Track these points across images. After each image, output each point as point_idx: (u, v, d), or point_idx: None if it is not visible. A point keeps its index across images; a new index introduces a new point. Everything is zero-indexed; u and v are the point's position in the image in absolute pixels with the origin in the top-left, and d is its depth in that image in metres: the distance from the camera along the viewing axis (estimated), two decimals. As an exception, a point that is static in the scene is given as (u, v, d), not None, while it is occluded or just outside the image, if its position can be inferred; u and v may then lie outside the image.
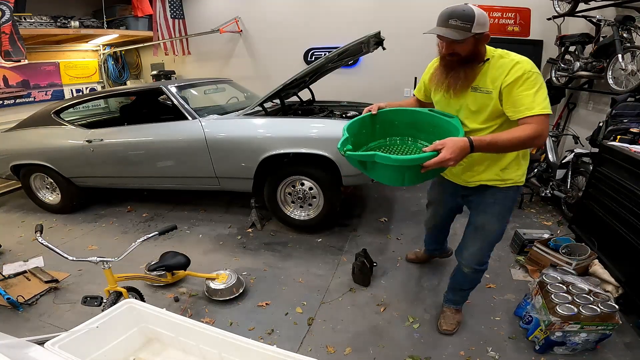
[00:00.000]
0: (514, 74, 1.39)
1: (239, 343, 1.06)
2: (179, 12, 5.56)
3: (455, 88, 1.52)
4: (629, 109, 2.76)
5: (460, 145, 1.29)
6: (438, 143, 1.29)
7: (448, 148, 1.27)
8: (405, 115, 1.70)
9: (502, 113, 1.48)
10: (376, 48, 3.18)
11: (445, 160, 1.25)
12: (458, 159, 1.28)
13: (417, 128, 1.70)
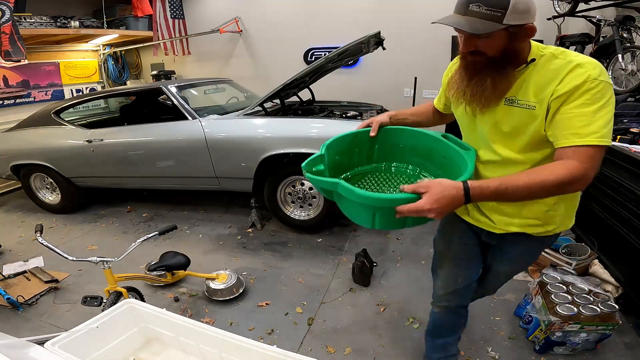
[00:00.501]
0: (572, 81, 0.94)
1: (239, 343, 1.06)
2: (179, 12, 5.56)
3: (480, 100, 1.09)
4: (629, 109, 2.76)
5: (450, 193, 0.91)
6: (422, 185, 0.93)
7: (432, 195, 0.90)
8: (413, 138, 1.33)
9: (547, 139, 1.03)
10: (376, 48, 3.18)
11: (423, 210, 0.90)
12: (442, 212, 0.91)
13: (424, 156, 1.32)
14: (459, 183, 0.94)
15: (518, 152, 1.10)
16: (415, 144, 1.33)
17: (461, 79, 1.12)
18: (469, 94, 1.10)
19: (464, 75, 1.11)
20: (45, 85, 5.03)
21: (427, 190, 0.91)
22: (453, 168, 1.18)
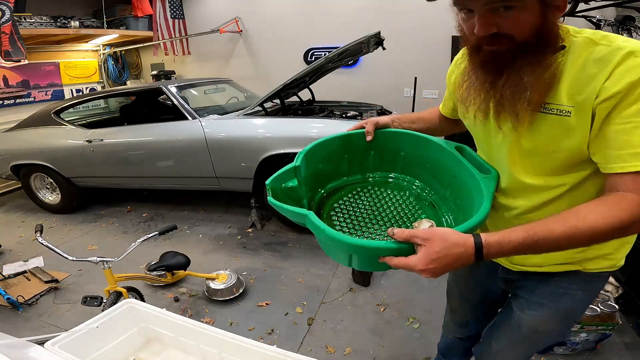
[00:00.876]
0: (626, 76, 0.66)
1: (239, 343, 1.06)
2: (179, 12, 5.56)
3: (515, 107, 0.75)
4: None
5: (454, 252, 0.67)
6: (419, 234, 0.68)
7: (430, 252, 0.67)
8: (417, 146, 1.05)
9: (588, 157, 0.75)
10: (376, 48, 3.18)
11: (415, 269, 0.68)
12: (440, 274, 0.69)
13: (431, 170, 1.05)
14: (469, 239, 0.68)
15: (544, 176, 0.81)
16: (420, 154, 1.05)
17: (478, 80, 0.80)
18: (497, 100, 0.77)
19: (484, 74, 0.78)
20: (45, 85, 5.03)
21: (425, 244, 0.67)
22: (463, 194, 0.92)
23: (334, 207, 1.03)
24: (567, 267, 0.91)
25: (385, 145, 1.09)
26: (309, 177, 0.99)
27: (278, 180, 0.91)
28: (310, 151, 1.00)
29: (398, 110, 3.94)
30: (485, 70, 0.77)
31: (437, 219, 0.95)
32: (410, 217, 0.97)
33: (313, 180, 1.02)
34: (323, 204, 1.04)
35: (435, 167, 1.03)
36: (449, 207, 0.97)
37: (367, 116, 3.42)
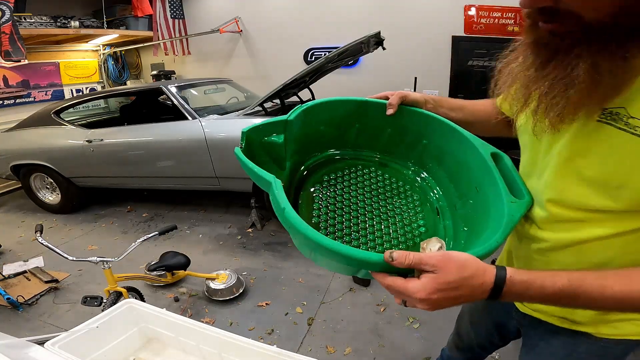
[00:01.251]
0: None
1: (239, 343, 1.06)
2: (179, 12, 5.56)
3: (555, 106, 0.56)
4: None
5: (471, 284, 0.53)
6: (431, 262, 0.53)
7: (438, 282, 0.52)
8: (443, 138, 0.85)
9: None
10: (376, 48, 3.18)
11: (413, 297, 0.54)
12: (438, 307, 0.54)
13: (449, 171, 0.86)
14: (490, 270, 0.54)
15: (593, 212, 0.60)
16: (445, 149, 0.85)
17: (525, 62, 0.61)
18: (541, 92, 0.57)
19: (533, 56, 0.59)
20: (45, 85, 5.03)
21: (434, 270, 0.52)
22: (478, 212, 0.74)
23: (322, 179, 0.85)
24: (568, 324, 0.72)
25: (407, 126, 0.88)
26: (303, 138, 0.83)
27: (260, 131, 0.74)
28: (312, 108, 0.83)
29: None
30: (535, 52, 0.57)
31: (434, 227, 0.81)
32: (406, 219, 0.81)
33: (308, 142, 0.86)
34: (312, 173, 0.86)
35: (457, 169, 0.83)
36: (454, 220, 0.80)
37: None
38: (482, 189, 0.76)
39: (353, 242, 0.74)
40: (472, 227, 0.75)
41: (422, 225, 0.80)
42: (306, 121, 0.82)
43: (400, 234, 0.77)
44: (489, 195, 0.73)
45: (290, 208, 0.57)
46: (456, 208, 0.82)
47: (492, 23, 4.46)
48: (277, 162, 0.78)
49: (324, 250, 0.54)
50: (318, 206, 0.79)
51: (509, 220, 0.65)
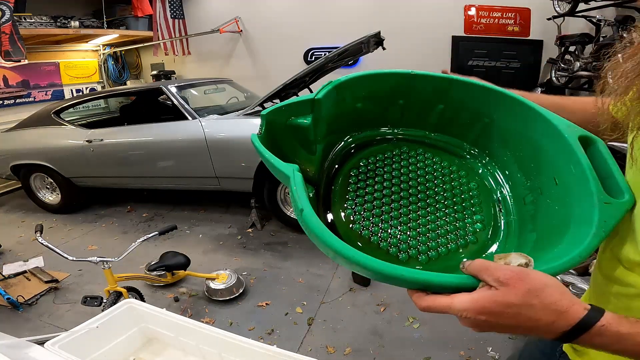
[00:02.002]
0: None
1: (239, 343, 1.06)
2: (179, 12, 5.56)
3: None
4: (629, 109, 2.76)
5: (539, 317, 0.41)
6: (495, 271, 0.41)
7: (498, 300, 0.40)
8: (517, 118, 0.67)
9: None
10: (376, 48, 3.18)
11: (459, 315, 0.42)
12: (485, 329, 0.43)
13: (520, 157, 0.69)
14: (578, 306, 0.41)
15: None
16: (515, 129, 0.68)
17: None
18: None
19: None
20: (45, 85, 5.03)
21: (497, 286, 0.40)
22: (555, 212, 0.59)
23: (359, 164, 0.73)
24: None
25: (464, 101, 0.74)
26: (337, 117, 0.72)
27: (283, 113, 0.64)
28: (346, 83, 0.70)
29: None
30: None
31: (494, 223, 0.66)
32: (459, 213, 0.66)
33: (343, 121, 0.75)
34: (348, 156, 0.75)
35: (530, 154, 0.66)
36: (520, 217, 0.65)
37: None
38: (563, 181, 0.58)
39: (392, 242, 0.61)
40: (545, 231, 0.58)
41: (479, 222, 0.65)
42: (339, 98, 0.71)
43: (450, 230, 0.64)
44: (572, 191, 0.56)
45: (309, 210, 0.47)
46: (525, 202, 0.65)
47: (492, 23, 4.46)
48: (306, 147, 0.67)
49: (348, 262, 0.45)
50: (353, 196, 0.68)
51: (600, 227, 0.48)
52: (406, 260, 0.59)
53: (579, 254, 0.45)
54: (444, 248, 0.60)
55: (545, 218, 0.59)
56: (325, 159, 0.71)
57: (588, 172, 0.54)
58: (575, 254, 0.45)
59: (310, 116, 0.66)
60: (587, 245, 0.47)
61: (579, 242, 0.47)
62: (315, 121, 0.66)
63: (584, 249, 0.46)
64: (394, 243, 0.61)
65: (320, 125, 0.67)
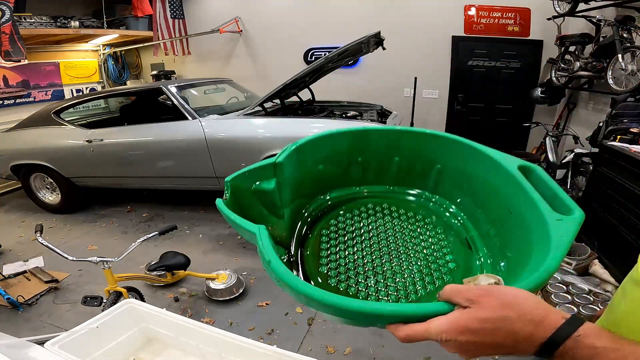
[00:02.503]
0: None
1: (239, 343, 1.06)
2: (179, 12, 5.56)
3: None
4: (629, 109, 2.76)
5: (517, 329, 0.40)
6: (466, 292, 0.42)
7: (471, 317, 0.40)
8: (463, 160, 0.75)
9: None
10: (376, 48, 3.18)
11: (437, 339, 0.41)
12: (468, 353, 0.42)
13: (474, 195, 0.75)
14: (554, 315, 0.41)
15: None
16: (463, 170, 0.75)
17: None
18: None
19: None
20: (45, 85, 5.03)
21: (469, 305, 0.41)
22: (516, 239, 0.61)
23: (329, 224, 0.76)
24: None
25: (417, 150, 0.80)
26: (301, 180, 0.75)
27: (246, 178, 0.67)
28: (305, 146, 0.74)
29: (398, 110, 3.94)
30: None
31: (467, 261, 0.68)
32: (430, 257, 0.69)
33: (308, 184, 0.78)
34: (318, 218, 0.78)
35: (482, 191, 0.72)
36: (490, 250, 0.68)
37: (367, 116, 3.42)
38: (515, 209, 0.63)
39: (370, 291, 0.61)
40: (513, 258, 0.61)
41: (452, 261, 0.67)
42: (300, 161, 0.74)
43: (426, 273, 0.65)
44: (526, 216, 0.60)
45: (276, 260, 0.49)
46: (489, 236, 0.68)
47: (492, 23, 4.46)
48: (273, 211, 0.70)
49: (322, 304, 0.44)
50: (326, 254, 0.69)
51: (558, 242, 0.51)
52: None
53: (546, 269, 0.47)
54: (422, 290, 0.62)
55: (511, 246, 0.62)
56: (294, 222, 0.74)
57: (534, 196, 0.59)
58: (542, 270, 0.47)
59: (273, 180, 0.69)
60: (552, 259, 0.48)
61: (543, 259, 0.49)
62: (279, 185, 0.69)
63: (548, 263, 0.48)
64: (372, 292, 0.61)
65: (285, 189, 0.70)
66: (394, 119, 3.32)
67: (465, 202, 0.77)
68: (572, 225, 0.53)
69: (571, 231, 0.53)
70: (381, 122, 3.13)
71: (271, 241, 0.53)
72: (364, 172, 0.83)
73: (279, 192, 0.69)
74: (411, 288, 0.62)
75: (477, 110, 4.92)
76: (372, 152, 0.81)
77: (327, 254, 0.69)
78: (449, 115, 4.94)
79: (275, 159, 0.69)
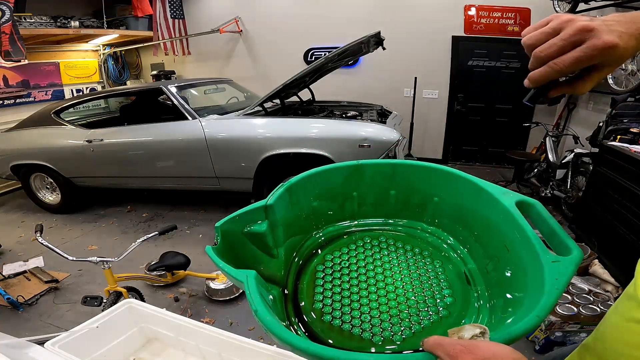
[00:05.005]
0: None
1: (239, 343, 1.06)
2: (179, 12, 5.56)
3: None
4: (629, 109, 2.76)
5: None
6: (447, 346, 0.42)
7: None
8: (459, 194, 0.75)
9: None
10: (376, 48, 3.18)
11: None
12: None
13: (472, 229, 0.74)
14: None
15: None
16: (460, 204, 0.74)
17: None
18: None
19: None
20: (45, 85, 5.03)
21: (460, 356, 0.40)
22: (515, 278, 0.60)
23: (325, 260, 0.75)
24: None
25: (412, 183, 0.79)
26: (295, 219, 0.75)
27: (237, 222, 0.65)
28: (298, 184, 0.74)
29: (398, 110, 3.94)
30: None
31: (465, 296, 0.67)
32: (427, 291, 0.68)
33: (302, 222, 0.77)
34: (312, 255, 0.77)
35: (480, 225, 0.71)
36: (488, 285, 0.66)
37: (367, 116, 3.42)
38: (513, 247, 0.62)
39: (364, 327, 0.61)
40: (512, 294, 0.59)
41: (449, 295, 0.67)
42: (293, 200, 0.73)
43: (421, 308, 0.64)
44: (522, 255, 0.59)
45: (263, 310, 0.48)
46: (487, 271, 0.67)
47: (492, 23, 4.46)
48: (266, 251, 0.69)
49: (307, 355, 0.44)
50: (321, 290, 0.68)
51: (552, 285, 0.49)
52: (381, 343, 0.59)
53: (537, 315, 0.46)
54: (417, 325, 0.61)
55: (507, 283, 0.61)
56: (289, 260, 0.73)
57: (530, 235, 0.57)
58: (533, 315, 0.46)
59: (265, 222, 0.68)
60: (543, 305, 0.47)
61: (535, 302, 0.48)
62: (272, 226, 0.68)
63: (540, 308, 0.47)
64: (367, 328, 0.61)
65: (277, 229, 0.70)
66: (394, 119, 3.32)
67: (464, 236, 0.75)
68: (569, 267, 0.52)
69: (567, 274, 0.52)
70: (381, 122, 3.13)
71: (259, 288, 0.52)
72: (360, 206, 0.83)
73: (272, 233, 0.69)
74: (406, 324, 0.62)
75: (477, 110, 4.92)
76: (367, 186, 0.80)
77: (322, 290, 0.69)
78: (449, 115, 4.94)
79: (265, 201, 0.68)
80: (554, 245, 0.57)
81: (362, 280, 0.70)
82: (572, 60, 0.41)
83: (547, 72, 0.43)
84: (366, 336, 0.60)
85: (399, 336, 0.59)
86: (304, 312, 0.64)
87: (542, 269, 0.52)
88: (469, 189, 0.72)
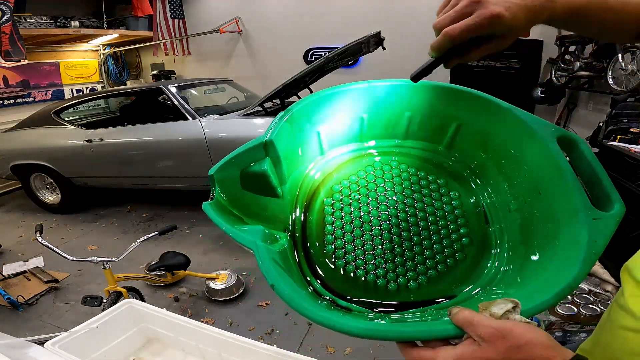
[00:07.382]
0: None
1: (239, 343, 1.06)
2: (179, 12, 5.56)
3: None
4: (629, 109, 2.76)
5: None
6: (479, 326, 0.39)
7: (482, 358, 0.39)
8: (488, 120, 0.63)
9: None
10: (376, 48, 3.18)
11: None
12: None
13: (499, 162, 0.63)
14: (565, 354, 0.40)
15: None
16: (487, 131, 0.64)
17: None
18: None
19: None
20: (45, 85, 5.03)
21: (479, 342, 0.39)
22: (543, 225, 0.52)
23: (332, 191, 0.67)
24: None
25: (433, 105, 0.68)
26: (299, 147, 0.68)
27: (233, 166, 0.58)
28: (300, 112, 0.66)
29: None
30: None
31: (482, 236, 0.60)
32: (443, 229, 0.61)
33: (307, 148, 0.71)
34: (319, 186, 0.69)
35: (509, 159, 0.60)
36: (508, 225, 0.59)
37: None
38: (546, 192, 0.52)
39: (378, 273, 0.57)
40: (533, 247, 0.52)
41: (465, 235, 0.60)
42: (296, 129, 0.67)
43: (437, 250, 0.59)
44: (557, 205, 0.49)
45: (280, 282, 0.43)
46: (510, 210, 0.59)
47: (492, 23, 4.46)
48: (271, 193, 0.61)
49: (330, 327, 0.40)
50: (331, 230, 0.62)
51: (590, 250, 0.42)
52: (395, 290, 0.56)
53: (569, 285, 0.40)
54: (432, 271, 0.57)
55: (533, 230, 0.53)
56: (294, 197, 0.66)
57: (572, 184, 0.49)
58: (565, 286, 0.40)
59: (266, 160, 0.60)
60: (577, 275, 0.41)
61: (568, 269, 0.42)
62: (275, 162, 0.61)
63: (572, 279, 0.41)
64: (381, 274, 0.57)
65: (280, 165, 0.62)
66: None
67: (486, 166, 0.64)
68: (609, 226, 0.45)
69: (607, 233, 0.44)
70: None
71: (271, 255, 0.47)
72: (370, 127, 0.72)
73: (275, 170, 0.60)
74: (421, 269, 0.57)
75: (477, 110, 4.91)
76: (378, 108, 0.70)
77: (332, 229, 0.62)
78: (449, 115, 4.93)
79: (264, 137, 0.60)
80: (594, 195, 0.49)
81: (374, 215, 0.63)
82: (462, 28, 0.43)
83: (442, 41, 0.45)
84: (381, 283, 0.56)
85: (414, 283, 0.56)
86: (316, 263, 0.59)
87: (581, 227, 0.44)
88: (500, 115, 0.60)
